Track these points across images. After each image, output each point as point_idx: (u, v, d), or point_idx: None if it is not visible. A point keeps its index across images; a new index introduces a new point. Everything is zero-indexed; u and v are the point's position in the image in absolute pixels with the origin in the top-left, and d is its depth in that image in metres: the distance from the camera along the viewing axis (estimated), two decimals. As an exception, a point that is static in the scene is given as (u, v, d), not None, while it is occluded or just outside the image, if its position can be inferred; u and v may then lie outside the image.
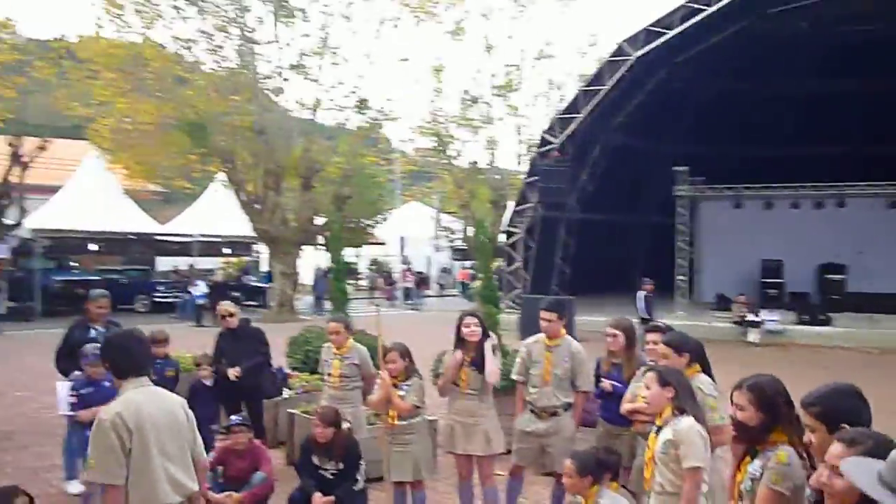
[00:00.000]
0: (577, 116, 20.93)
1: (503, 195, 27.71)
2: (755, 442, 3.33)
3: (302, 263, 27.73)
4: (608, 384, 5.88)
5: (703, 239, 25.27)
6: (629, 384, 5.48)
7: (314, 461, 6.02)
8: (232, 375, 7.19)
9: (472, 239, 31.26)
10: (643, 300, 16.43)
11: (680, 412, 4.05)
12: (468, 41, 39.50)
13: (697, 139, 24.92)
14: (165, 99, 23.38)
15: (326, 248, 41.26)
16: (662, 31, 19.89)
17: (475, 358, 5.75)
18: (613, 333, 5.91)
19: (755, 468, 3.28)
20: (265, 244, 27.00)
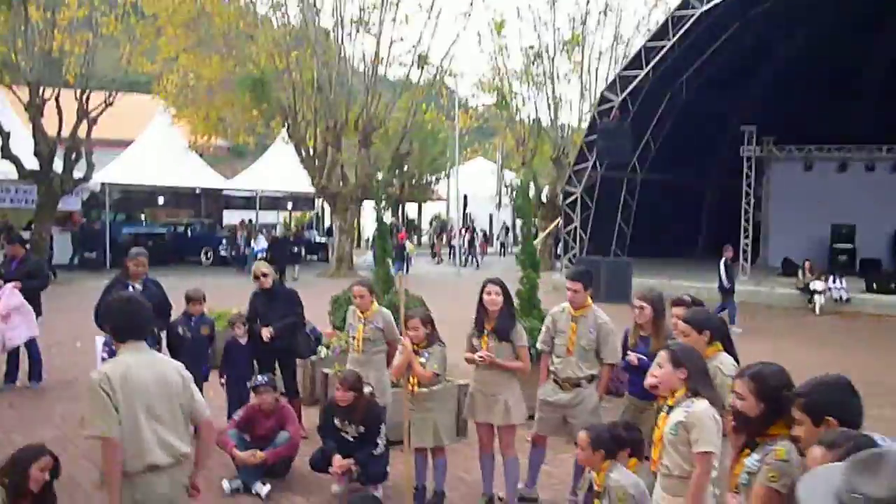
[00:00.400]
0: (639, 73, 20.25)
1: (566, 153, 27.29)
2: (755, 434, 3.16)
3: (365, 219, 27.94)
4: (634, 357, 5.72)
5: (771, 202, 24.40)
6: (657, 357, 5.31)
7: (336, 423, 6.06)
8: (265, 335, 7.26)
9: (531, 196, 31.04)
10: (723, 266, 15.25)
11: (694, 394, 3.89)
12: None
13: (767, 98, 23.89)
14: (228, 55, 23.62)
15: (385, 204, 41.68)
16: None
17: (496, 327, 5.65)
18: (641, 305, 5.73)
19: (753, 462, 3.11)
20: (325, 200, 27.26)
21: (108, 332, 3.88)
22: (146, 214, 30.22)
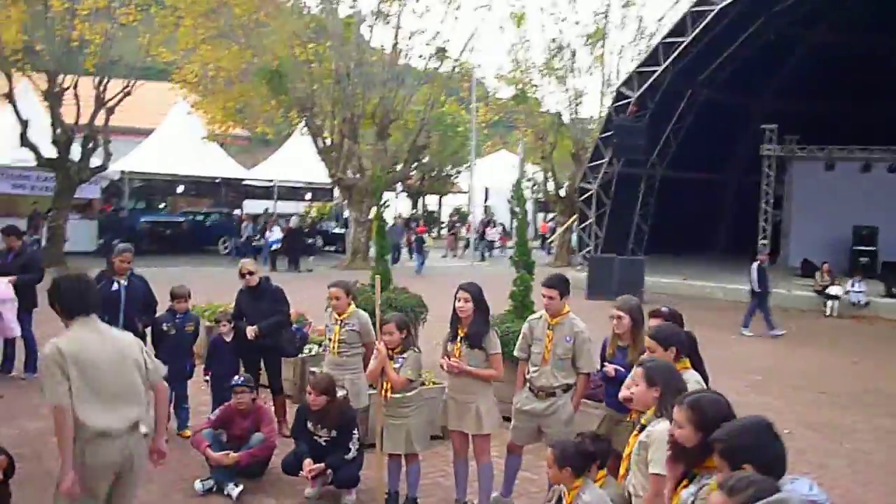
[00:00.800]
0: (656, 70, 19.95)
1: (586, 148, 27.00)
2: (692, 465, 3.04)
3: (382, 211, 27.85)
4: (612, 369, 5.59)
5: (792, 201, 23.97)
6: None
7: (309, 427, 6.02)
8: (250, 334, 7.23)
9: (550, 191, 30.82)
10: (756, 271, 14.65)
11: (661, 415, 3.78)
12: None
13: (789, 96, 23.44)
14: (247, 45, 23.64)
15: (407, 195, 41.64)
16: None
17: (468, 334, 5.56)
18: (619, 315, 5.58)
19: (688, 494, 3.00)
20: (341, 191, 27.25)
21: (57, 311, 3.91)
22: (167, 203, 30.44)
